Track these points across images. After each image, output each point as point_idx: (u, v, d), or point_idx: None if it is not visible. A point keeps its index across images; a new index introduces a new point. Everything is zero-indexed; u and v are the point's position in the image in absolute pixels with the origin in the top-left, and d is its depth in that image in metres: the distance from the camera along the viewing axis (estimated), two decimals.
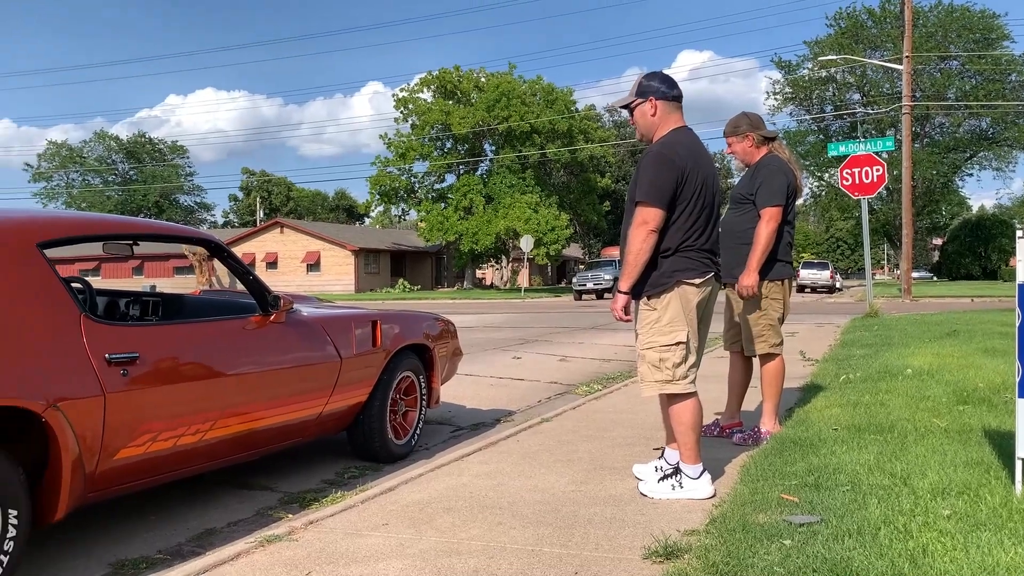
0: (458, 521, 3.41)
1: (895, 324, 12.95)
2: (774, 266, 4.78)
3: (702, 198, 3.64)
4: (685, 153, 3.64)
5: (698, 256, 3.64)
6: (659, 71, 3.94)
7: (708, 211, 3.68)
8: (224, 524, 3.74)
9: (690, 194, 3.60)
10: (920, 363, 7.28)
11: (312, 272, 49.29)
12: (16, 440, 2.88)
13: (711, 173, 3.73)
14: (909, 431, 4.50)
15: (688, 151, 3.66)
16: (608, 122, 65.57)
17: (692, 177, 3.60)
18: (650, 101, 3.74)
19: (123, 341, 3.22)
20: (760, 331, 4.85)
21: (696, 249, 3.64)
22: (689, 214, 3.61)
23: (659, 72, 3.88)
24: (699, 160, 3.68)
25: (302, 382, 4.18)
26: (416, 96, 48.73)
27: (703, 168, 3.67)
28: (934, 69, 47.67)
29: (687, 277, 3.62)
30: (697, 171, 3.63)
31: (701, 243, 3.65)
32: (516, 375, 8.75)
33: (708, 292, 3.73)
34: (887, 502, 3.22)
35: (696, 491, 3.67)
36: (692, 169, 3.61)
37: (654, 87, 3.75)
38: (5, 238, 3.08)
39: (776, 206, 4.66)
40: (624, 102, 3.87)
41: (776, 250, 4.74)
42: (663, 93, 3.73)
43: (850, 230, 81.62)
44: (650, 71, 3.92)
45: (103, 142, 79.04)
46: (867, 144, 16.32)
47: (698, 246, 3.65)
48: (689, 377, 3.66)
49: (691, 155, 3.65)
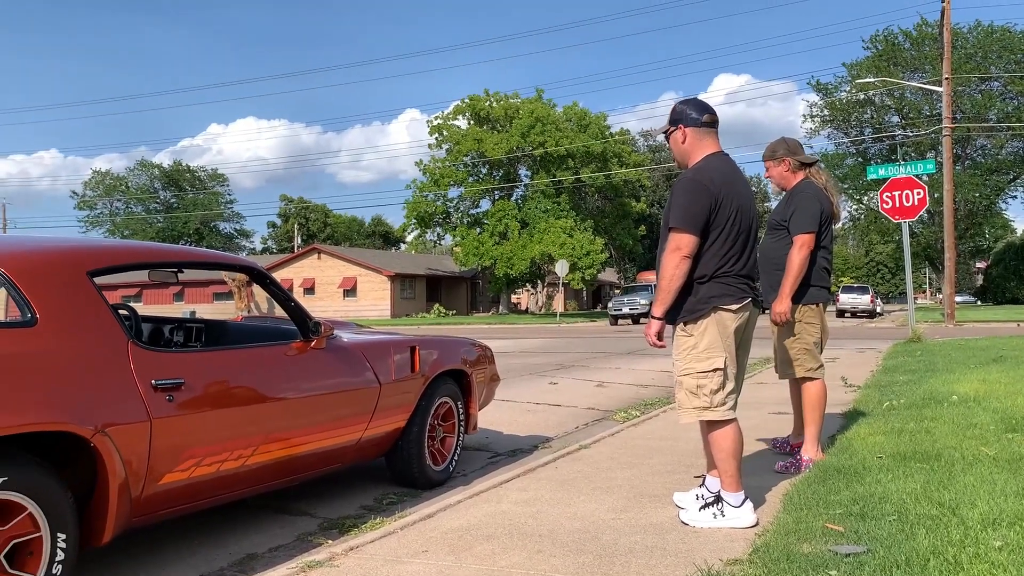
0: (498, 548, 3.39)
1: (939, 349, 12.70)
2: (808, 290, 4.77)
3: (737, 224, 3.62)
4: (719, 179, 3.62)
5: (735, 282, 3.62)
6: (693, 98, 3.96)
7: (744, 237, 3.66)
8: (265, 549, 3.77)
9: (724, 220, 3.58)
10: (966, 389, 7.13)
11: (348, 297, 49.72)
12: (65, 465, 2.93)
13: (747, 198, 3.71)
14: (956, 459, 4.40)
15: (722, 176, 3.64)
16: (643, 146, 65.59)
17: (726, 203, 3.58)
18: (680, 129, 3.75)
19: (168, 367, 3.28)
20: (795, 355, 4.83)
21: (733, 275, 3.62)
22: (724, 240, 3.59)
23: (693, 99, 3.88)
24: (734, 186, 3.65)
25: (342, 408, 4.21)
26: (450, 123, 49.22)
27: (738, 194, 3.64)
28: (974, 90, 47.02)
29: (723, 303, 3.59)
30: (731, 197, 3.61)
31: (738, 269, 3.63)
32: (553, 401, 8.71)
33: (745, 318, 3.71)
34: (936, 532, 3.15)
35: (738, 520, 3.61)
36: (726, 195, 3.59)
37: (684, 114, 3.75)
38: (57, 266, 3.17)
39: (808, 232, 4.65)
40: (661, 130, 3.92)
41: (810, 275, 4.73)
42: (693, 120, 3.72)
43: (890, 253, 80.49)
44: (685, 98, 3.94)
45: (145, 170, 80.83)
46: (907, 167, 16.14)
47: (735, 272, 3.62)
48: (728, 404, 3.62)
49: (725, 181, 3.63)
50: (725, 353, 3.61)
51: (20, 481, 2.67)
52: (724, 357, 3.60)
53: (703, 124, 3.72)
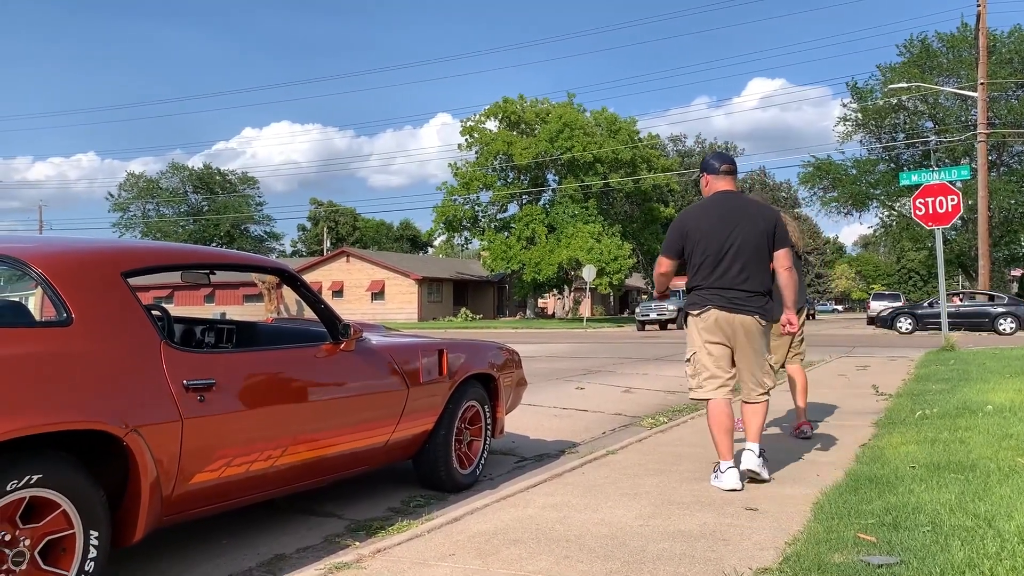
0: (525, 553, 3.38)
1: (972, 358, 12.50)
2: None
3: (703, 248, 4.53)
4: (696, 213, 4.68)
5: (704, 294, 4.57)
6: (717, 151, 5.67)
7: (712, 258, 4.51)
8: (293, 550, 3.79)
9: (692, 246, 4.57)
10: (1001, 399, 7.01)
11: (376, 300, 49.96)
12: (97, 463, 2.97)
13: (720, 227, 4.52)
14: (992, 470, 4.33)
15: (700, 211, 4.66)
16: (671, 151, 65.27)
17: (693, 234, 4.57)
18: (704, 176, 4.80)
19: (200, 368, 3.31)
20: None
21: (702, 288, 4.58)
22: (693, 262, 4.59)
23: (716, 152, 5.20)
24: (708, 219, 4.58)
25: (370, 410, 4.23)
26: (481, 126, 49.34)
27: (710, 224, 4.55)
28: (1011, 96, 46.28)
29: (691, 310, 4.66)
30: (701, 228, 4.55)
31: (707, 283, 4.55)
32: (580, 406, 8.69)
33: (712, 320, 4.54)
34: (971, 544, 3.09)
35: (721, 482, 4.45)
36: (694, 227, 4.58)
37: (707, 164, 4.80)
38: (92, 267, 3.21)
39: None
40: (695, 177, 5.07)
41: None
42: (713, 169, 4.73)
43: (922, 261, 79.25)
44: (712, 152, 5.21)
45: (177, 173, 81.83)
46: (941, 173, 15.91)
47: (704, 286, 4.57)
48: (704, 387, 4.60)
49: (701, 215, 4.62)
50: (696, 348, 4.62)
51: (54, 479, 2.71)
52: (695, 351, 4.63)
53: (720, 172, 4.70)
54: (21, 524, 2.66)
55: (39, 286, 3.12)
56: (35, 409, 2.66)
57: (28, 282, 4.10)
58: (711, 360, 4.56)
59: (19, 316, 3.29)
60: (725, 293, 4.50)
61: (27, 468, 2.64)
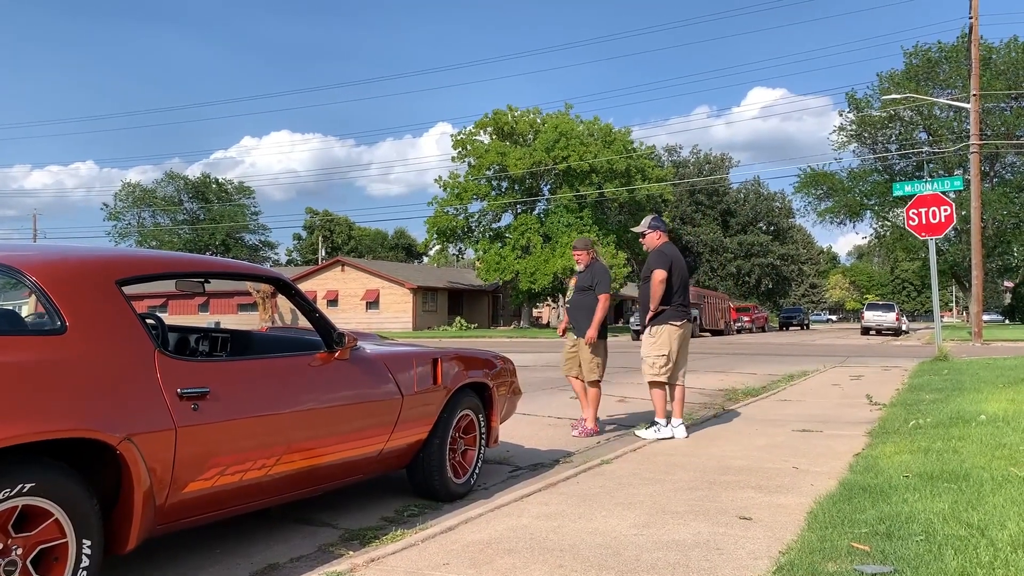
0: (519, 563, 3.38)
1: (966, 368, 12.53)
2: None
3: (678, 276, 6.84)
4: (671, 252, 6.96)
5: (679, 310, 6.84)
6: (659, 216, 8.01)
7: (682, 285, 6.84)
8: (287, 559, 3.77)
9: (675, 272, 6.80)
10: (994, 409, 7.03)
11: (371, 309, 49.88)
12: (90, 471, 2.96)
13: (683, 264, 6.95)
14: (985, 480, 4.34)
15: (672, 251, 6.99)
16: (666, 162, 65.42)
17: (675, 266, 6.84)
18: (657, 232, 7.08)
19: (194, 376, 3.30)
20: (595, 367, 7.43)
21: (676, 305, 6.83)
22: (673, 286, 6.78)
23: (659, 216, 7.29)
24: (678, 257, 7.00)
25: (364, 419, 4.22)
26: (473, 138, 49.38)
27: (680, 262, 6.95)
28: (1005, 107, 46.52)
29: (673, 321, 6.80)
30: (677, 263, 6.89)
31: (679, 302, 6.86)
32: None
33: (687, 328, 6.92)
34: (964, 554, 3.10)
35: (663, 433, 6.75)
36: (674, 261, 6.86)
37: (661, 223, 7.15)
38: (86, 275, 3.20)
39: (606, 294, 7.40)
40: (641, 231, 7.17)
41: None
42: (665, 228, 7.19)
43: (916, 271, 79.60)
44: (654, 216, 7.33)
45: (172, 182, 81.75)
46: (934, 184, 15.99)
47: (677, 303, 6.84)
48: (664, 374, 6.83)
49: (674, 255, 6.96)
50: (670, 348, 6.76)
51: (47, 488, 2.70)
52: (670, 350, 6.76)
53: (667, 230, 7.21)
54: (13, 533, 2.65)
55: (33, 294, 3.11)
56: (28, 417, 2.65)
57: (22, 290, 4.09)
58: (674, 355, 6.81)
59: (12, 324, 3.28)
60: (688, 310, 6.95)
61: (20, 476, 2.63)
